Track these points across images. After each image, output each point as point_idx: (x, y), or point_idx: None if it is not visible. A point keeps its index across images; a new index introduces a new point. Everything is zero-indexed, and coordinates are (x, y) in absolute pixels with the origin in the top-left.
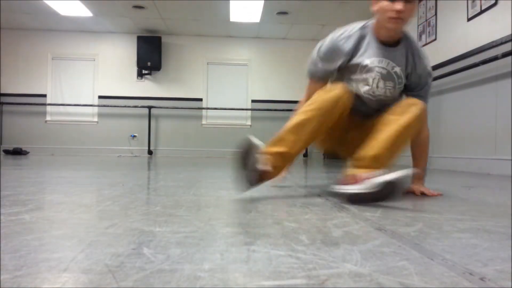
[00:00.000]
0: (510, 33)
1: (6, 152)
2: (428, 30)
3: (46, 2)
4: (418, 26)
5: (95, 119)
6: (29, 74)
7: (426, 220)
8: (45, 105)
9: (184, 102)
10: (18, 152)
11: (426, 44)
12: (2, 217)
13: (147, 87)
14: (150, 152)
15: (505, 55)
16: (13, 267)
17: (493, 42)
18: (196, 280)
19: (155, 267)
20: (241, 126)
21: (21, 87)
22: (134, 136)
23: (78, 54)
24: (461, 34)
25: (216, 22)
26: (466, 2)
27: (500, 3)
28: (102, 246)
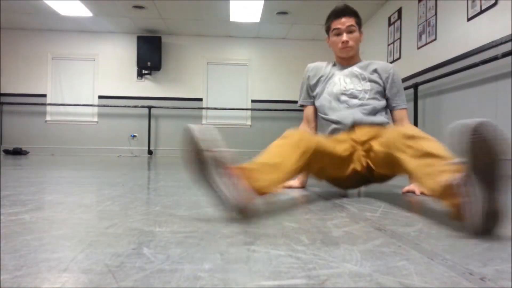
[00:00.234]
0: (510, 33)
1: (6, 152)
2: (428, 30)
3: (46, 2)
4: (418, 26)
5: (95, 119)
6: (29, 74)
7: (426, 220)
8: (45, 105)
9: (184, 102)
10: (18, 152)
11: (426, 44)
12: (2, 217)
13: (147, 87)
14: (150, 152)
15: (505, 55)
16: (13, 267)
17: (493, 42)
18: (196, 280)
19: (155, 267)
20: (241, 126)
21: (21, 87)
22: (134, 136)
23: (78, 54)
24: (461, 34)
25: (216, 22)
26: (466, 2)
27: (500, 3)
28: (102, 246)
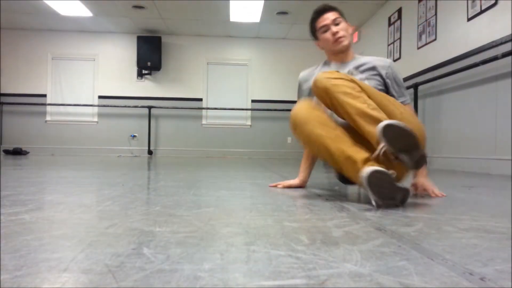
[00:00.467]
0: (510, 33)
1: (6, 152)
2: (428, 30)
3: (46, 2)
4: (418, 26)
5: (95, 119)
6: (29, 74)
7: (426, 220)
8: (45, 105)
9: (184, 102)
10: (18, 152)
11: (426, 44)
12: (2, 217)
13: (147, 87)
14: (150, 152)
15: (505, 55)
16: (13, 267)
17: (493, 42)
18: (196, 280)
19: (155, 267)
20: (241, 126)
21: (21, 87)
22: (134, 136)
23: (78, 54)
24: (461, 34)
25: (216, 22)
26: (466, 2)
27: (500, 3)
28: (102, 246)
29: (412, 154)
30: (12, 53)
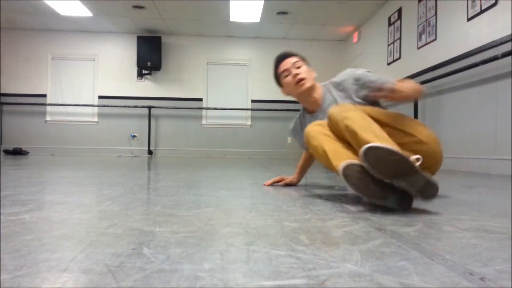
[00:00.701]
0: (510, 33)
1: (6, 152)
2: (428, 30)
3: (46, 2)
4: (418, 26)
5: (95, 119)
6: (29, 74)
7: (426, 220)
8: (45, 105)
9: (184, 102)
10: (18, 152)
11: (426, 44)
12: (2, 217)
13: (147, 87)
14: (150, 152)
15: (505, 55)
16: (13, 267)
17: (493, 42)
18: (196, 280)
19: (155, 267)
20: (241, 126)
21: (21, 87)
22: (134, 136)
23: (78, 54)
24: (461, 34)
25: (216, 22)
26: (466, 2)
27: (500, 3)
28: (102, 246)
29: (410, 180)
30: (12, 53)
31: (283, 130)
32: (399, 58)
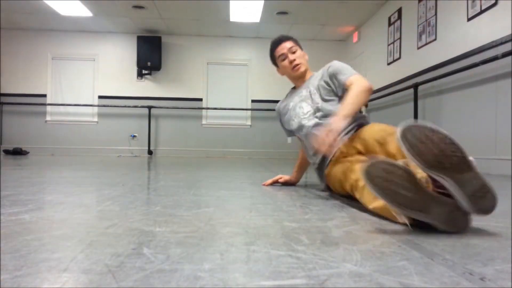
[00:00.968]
0: (510, 33)
1: (6, 152)
2: (428, 30)
3: (46, 2)
4: (418, 26)
5: (95, 119)
6: (29, 74)
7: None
8: (45, 105)
9: (184, 102)
10: (18, 152)
11: (426, 44)
12: (2, 217)
13: (147, 87)
14: (150, 152)
15: (505, 55)
16: (13, 267)
17: (493, 42)
18: (196, 280)
19: (155, 267)
20: (241, 126)
21: (21, 87)
22: (134, 136)
23: (78, 54)
24: (461, 34)
25: (216, 22)
26: (466, 2)
27: (500, 3)
28: (102, 246)
29: (460, 179)
30: (12, 53)
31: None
32: (399, 58)
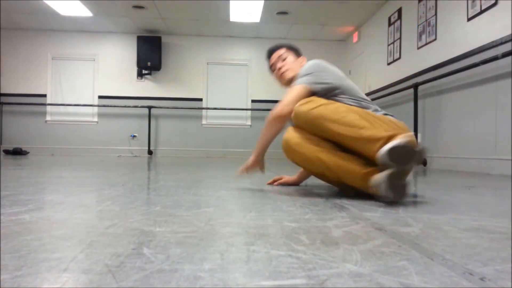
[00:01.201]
0: (510, 33)
1: (6, 152)
2: (428, 30)
3: (46, 2)
4: (418, 26)
5: (95, 119)
6: (29, 74)
7: (426, 220)
8: (45, 105)
9: (184, 102)
10: (18, 152)
11: (426, 44)
12: (2, 217)
13: (147, 87)
14: (150, 152)
15: (505, 55)
16: (13, 267)
17: (493, 42)
18: (196, 280)
19: (155, 267)
20: (241, 126)
21: (21, 87)
22: (134, 136)
23: (78, 54)
24: (461, 34)
25: (216, 22)
26: (466, 2)
27: (500, 3)
28: (102, 246)
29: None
30: (12, 53)
31: (283, 130)
32: (399, 58)
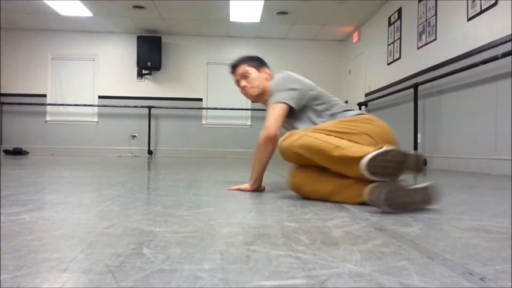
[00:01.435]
0: (510, 33)
1: (6, 152)
2: (428, 30)
3: (46, 2)
4: (418, 26)
5: (95, 119)
6: (29, 74)
7: (426, 220)
8: (45, 105)
9: (184, 102)
10: (18, 152)
11: (426, 44)
12: (2, 217)
13: (147, 87)
14: (150, 152)
15: (505, 55)
16: (13, 267)
17: (493, 42)
18: (196, 280)
19: (155, 267)
20: (241, 126)
21: (21, 87)
22: (134, 136)
23: (78, 54)
24: (461, 34)
25: (216, 22)
26: (466, 2)
27: (500, 3)
28: (102, 246)
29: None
30: (12, 53)
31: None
32: (399, 58)
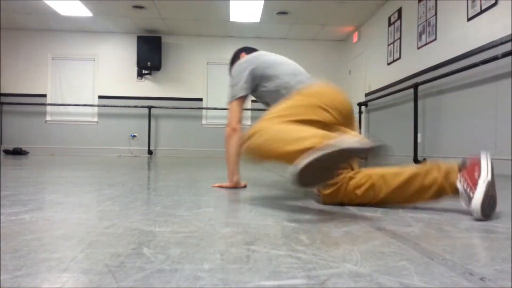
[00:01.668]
0: (510, 33)
1: (6, 152)
2: (428, 30)
3: (46, 2)
4: (418, 26)
5: (95, 119)
6: (29, 74)
7: (426, 220)
8: (45, 105)
9: (184, 102)
10: (18, 152)
11: (426, 44)
12: (2, 217)
13: (147, 87)
14: (150, 152)
15: (505, 55)
16: (13, 267)
17: (493, 42)
18: (196, 280)
19: (155, 267)
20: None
21: (21, 87)
22: (134, 136)
23: (78, 54)
24: (461, 34)
25: (216, 22)
26: (466, 2)
27: (500, 3)
28: (102, 246)
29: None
30: (12, 53)
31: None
32: (399, 58)
